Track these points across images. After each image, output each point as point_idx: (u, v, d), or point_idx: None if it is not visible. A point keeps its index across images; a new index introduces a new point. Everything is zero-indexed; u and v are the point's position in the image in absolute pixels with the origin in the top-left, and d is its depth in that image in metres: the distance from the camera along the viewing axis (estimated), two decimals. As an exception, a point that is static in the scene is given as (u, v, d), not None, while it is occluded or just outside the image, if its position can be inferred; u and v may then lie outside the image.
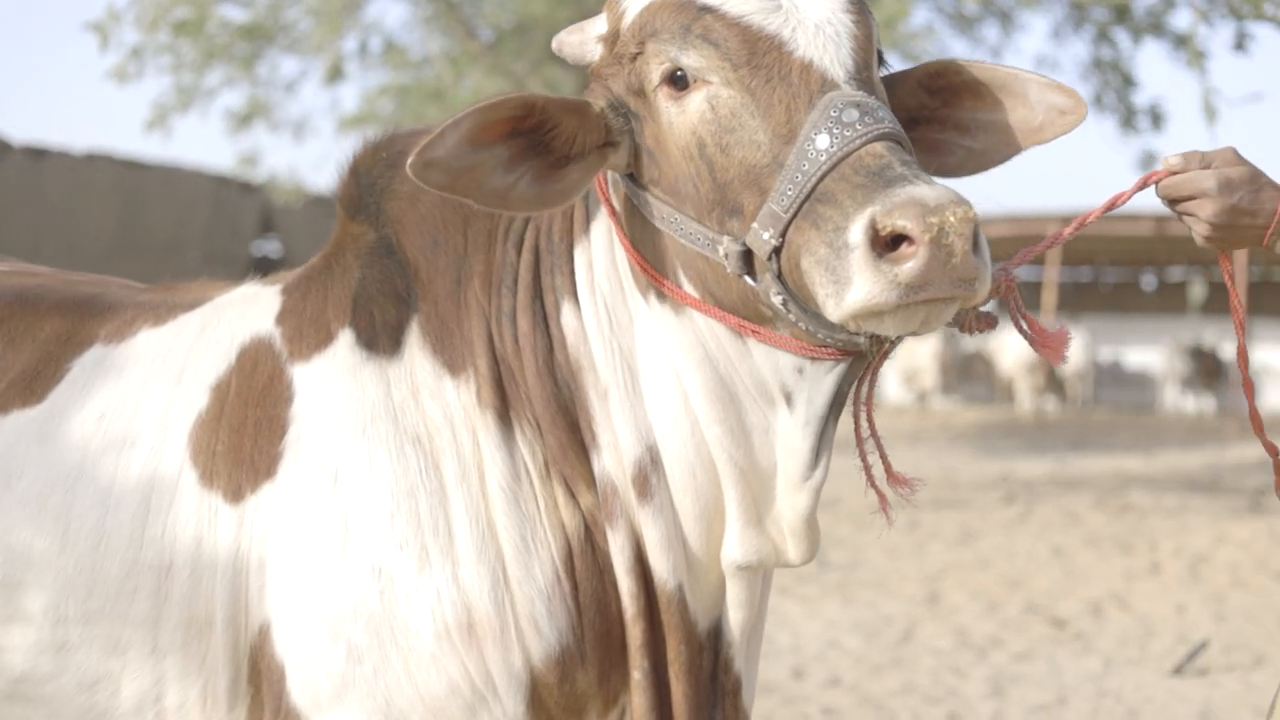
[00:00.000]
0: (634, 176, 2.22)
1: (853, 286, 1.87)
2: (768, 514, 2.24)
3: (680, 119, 2.12)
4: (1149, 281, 33.99)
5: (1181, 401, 28.67)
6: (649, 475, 2.24)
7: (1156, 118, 16.31)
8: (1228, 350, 27.59)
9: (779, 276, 2.01)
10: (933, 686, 7.17)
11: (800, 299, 2.01)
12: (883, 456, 2.29)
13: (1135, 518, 13.29)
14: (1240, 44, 15.08)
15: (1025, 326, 2.20)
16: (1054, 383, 26.80)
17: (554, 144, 2.17)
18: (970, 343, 27.25)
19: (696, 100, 2.10)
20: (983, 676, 7.40)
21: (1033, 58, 23.22)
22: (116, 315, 2.54)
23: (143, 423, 2.38)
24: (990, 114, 2.26)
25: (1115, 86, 16.35)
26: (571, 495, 2.29)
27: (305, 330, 2.41)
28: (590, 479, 2.28)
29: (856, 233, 1.86)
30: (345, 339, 2.37)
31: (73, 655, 2.31)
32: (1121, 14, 15.65)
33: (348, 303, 2.40)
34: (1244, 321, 2.26)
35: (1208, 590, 9.90)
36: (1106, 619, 8.95)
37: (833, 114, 1.98)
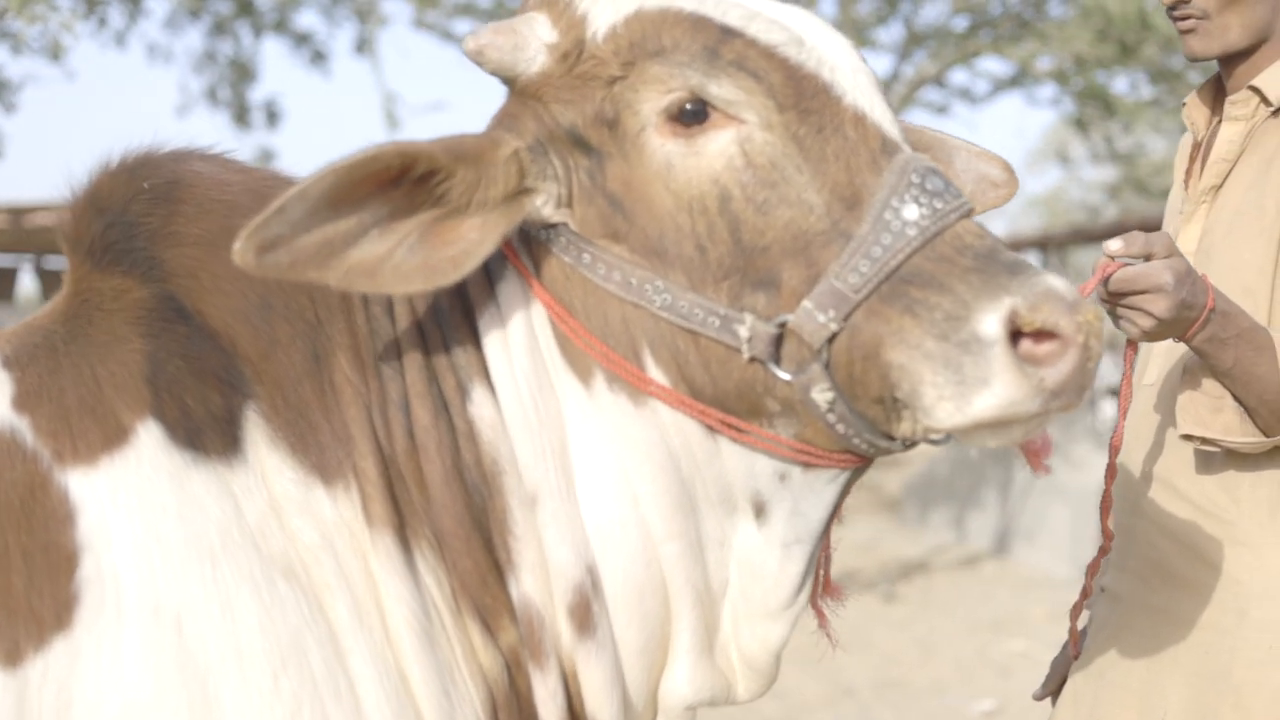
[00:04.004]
0: (567, 227, 1.78)
1: (988, 390, 1.56)
2: (715, 643, 1.87)
3: (690, 163, 1.70)
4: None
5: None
6: (590, 603, 1.77)
7: (272, 115, 16.51)
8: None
9: (827, 367, 1.66)
10: None
11: (849, 396, 1.67)
12: (826, 568, 1.98)
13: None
14: (361, 47, 15.57)
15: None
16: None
17: (450, 195, 1.71)
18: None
19: (721, 141, 1.70)
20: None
21: (146, 47, 21.77)
22: None
23: None
24: None
25: (231, 80, 16.21)
26: (489, 632, 1.79)
27: (75, 422, 1.69)
28: (511, 610, 1.79)
29: (991, 325, 1.56)
30: (150, 435, 1.69)
31: None
32: (245, 8, 15.53)
33: (138, 384, 1.71)
34: (1127, 410, 2.20)
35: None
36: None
37: (914, 179, 1.66)
